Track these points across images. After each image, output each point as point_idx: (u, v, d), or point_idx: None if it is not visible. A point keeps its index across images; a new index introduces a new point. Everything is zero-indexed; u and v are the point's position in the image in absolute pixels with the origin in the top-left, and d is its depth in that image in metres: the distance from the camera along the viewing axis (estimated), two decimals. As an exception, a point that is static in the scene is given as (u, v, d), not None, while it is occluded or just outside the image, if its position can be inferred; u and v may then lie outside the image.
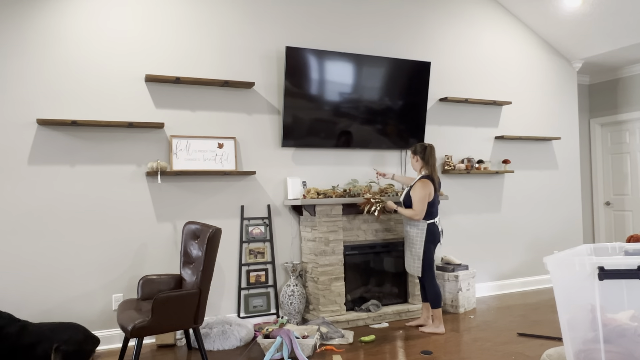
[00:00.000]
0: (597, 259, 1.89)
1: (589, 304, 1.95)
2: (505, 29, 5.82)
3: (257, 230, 4.43)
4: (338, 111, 4.67)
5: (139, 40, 4.10)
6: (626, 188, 6.71)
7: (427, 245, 4.09)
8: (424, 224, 4.08)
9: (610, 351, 1.90)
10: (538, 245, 5.96)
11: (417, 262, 4.11)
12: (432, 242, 4.11)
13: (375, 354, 3.57)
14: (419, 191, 4.05)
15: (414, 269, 4.16)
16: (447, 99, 5.30)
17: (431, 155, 4.17)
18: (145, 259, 4.06)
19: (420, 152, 4.18)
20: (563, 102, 6.22)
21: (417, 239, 4.10)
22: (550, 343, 3.73)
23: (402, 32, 5.20)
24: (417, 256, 4.11)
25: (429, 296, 4.11)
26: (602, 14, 5.30)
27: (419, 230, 4.09)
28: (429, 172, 4.16)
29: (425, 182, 4.07)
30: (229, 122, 4.39)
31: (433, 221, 4.11)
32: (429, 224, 4.09)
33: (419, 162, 4.20)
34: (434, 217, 4.13)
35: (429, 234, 4.08)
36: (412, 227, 4.14)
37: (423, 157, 4.18)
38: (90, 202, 3.90)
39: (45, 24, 3.81)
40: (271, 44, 4.57)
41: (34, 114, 3.76)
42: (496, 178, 5.70)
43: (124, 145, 4.02)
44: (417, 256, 4.11)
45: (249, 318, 4.36)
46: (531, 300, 5.22)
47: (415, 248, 4.12)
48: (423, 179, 4.11)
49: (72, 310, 3.81)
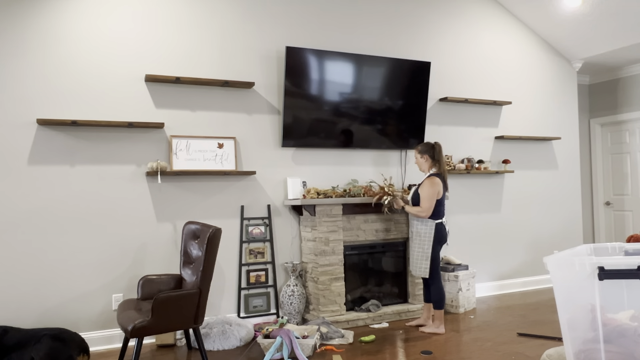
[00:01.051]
0: (597, 259, 1.90)
1: (589, 304, 1.95)
2: (505, 29, 5.82)
3: (257, 230, 4.43)
4: (338, 111, 4.67)
5: (139, 40, 4.10)
6: (626, 188, 6.71)
7: (435, 245, 4.04)
8: (433, 223, 4.02)
9: (610, 351, 1.90)
10: (538, 245, 5.96)
11: (425, 262, 4.04)
12: (439, 242, 4.06)
13: (375, 354, 3.57)
14: (427, 188, 4.00)
15: (420, 270, 4.07)
16: (447, 99, 5.30)
17: (440, 153, 4.11)
18: (145, 259, 4.06)
19: (429, 151, 4.12)
20: (563, 102, 6.22)
21: (425, 238, 4.03)
22: (550, 343, 3.73)
23: (402, 32, 5.20)
24: (426, 256, 4.03)
25: (434, 297, 4.07)
26: (602, 14, 5.30)
27: (428, 230, 4.02)
28: (439, 171, 4.11)
29: (434, 179, 4.02)
30: (229, 122, 4.39)
31: (441, 221, 4.07)
32: (437, 224, 4.04)
33: (428, 161, 4.13)
34: (441, 216, 4.08)
35: (437, 233, 4.03)
36: (421, 226, 4.06)
37: (432, 155, 4.12)
38: (90, 202, 3.90)
39: (45, 24, 3.81)
40: (271, 44, 4.57)
41: (34, 114, 3.76)
42: (496, 178, 5.70)
43: (123, 145, 4.02)
44: (425, 256, 4.04)
45: (249, 318, 4.36)
46: (531, 300, 5.22)
47: (423, 248, 4.04)
48: (432, 176, 4.06)
49: (71, 310, 3.81)
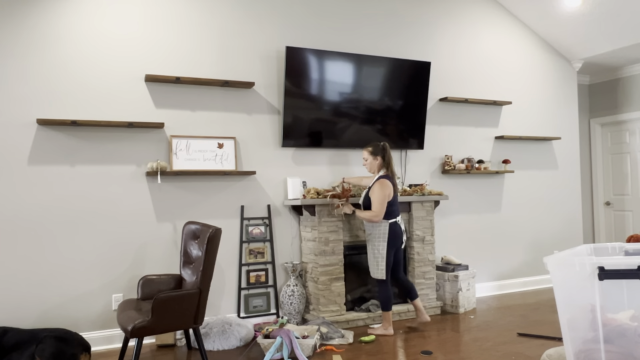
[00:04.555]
0: (597, 259, 1.90)
1: (589, 304, 1.95)
2: (505, 29, 5.82)
3: (257, 230, 4.43)
4: (338, 111, 4.67)
5: (139, 40, 4.10)
6: (626, 188, 6.71)
7: (389, 247, 4.01)
8: (386, 224, 4.01)
9: (610, 351, 1.90)
10: (538, 245, 5.96)
11: (382, 263, 4.00)
12: (394, 242, 4.03)
13: (375, 354, 3.57)
14: (378, 193, 3.96)
15: (377, 272, 4.02)
16: (447, 99, 5.30)
17: (389, 154, 4.10)
18: (145, 259, 4.06)
19: (381, 152, 4.09)
20: (563, 102, 6.22)
21: (379, 238, 4.01)
22: (550, 343, 3.73)
23: (402, 32, 5.20)
24: (381, 257, 4.00)
25: (381, 299, 4.03)
26: (602, 14, 5.30)
27: (382, 230, 4.01)
28: (387, 172, 4.08)
29: (384, 182, 3.99)
30: (229, 122, 4.39)
31: (395, 220, 4.04)
32: (391, 223, 4.02)
33: (379, 162, 4.10)
34: (395, 216, 4.05)
35: (391, 233, 4.00)
36: (374, 228, 4.05)
37: (384, 156, 4.09)
38: (90, 202, 3.90)
39: (45, 24, 3.80)
40: (271, 44, 4.57)
41: (34, 114, 3.76)
42: (496, 178, 5.70)
43: (124, 145, 4.02)
44: (380, 257, 4.01)
45: (249, 318, 4.36)
46: (531, 300, 5.22)
47: (378, 249, 4.01)
48: (381, 179, 4.02)
49: (71, 310, 3.81)
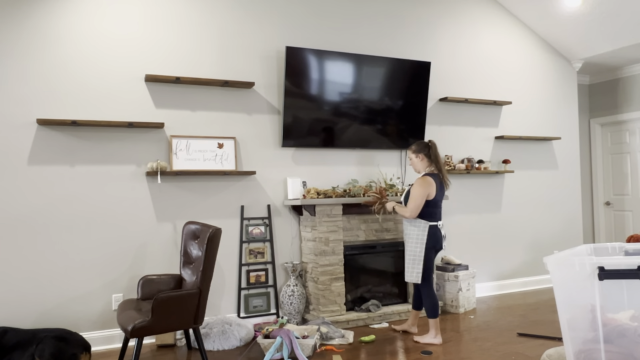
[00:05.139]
0: (597, 259, 1.90)
1: (589, 304, 1.95)
2: (505, 29, 5.82)
3: (257, 230, 4.43)
4: (338, 111, 4.67)
5: (139, 40, 4.10)
6: (626, 188, 6.71)
7: (428, 249, 3.78)
8: (426, 225, 3.76)
9: (610, 351, 1.90)
10: (538, 245, 5.96)
11: (418, 266, 3.77)
12: (433, 247, 3.80)
13: (375, 354, 3.57)
14: (416, 188, 3.75)
15: (412, 276, 3.80)
16: (447, 99, 5.30)
17: (436, 151, 3.86)
18: (145, 259, 4.06)
19: (424, 150, 3.88)
20: (563, 102, 6.22)
21: (417, 241, 3.78)
22: (550, 343, 3.73)
23: (402, 32, 5.20)
24: (418, 260, 3.77)
25: (426, 306, 3.80)
26: (602, 14, 5.30)
27: (420, 232, 3.77)
28: (435, 170, 3.88)
29: (426, 179, 3.78)
30: (229, 122, 4.39)
31: (435, 224, 3.80)
32: (431, 226, 3.78)
33: (424, 161, 3.89)
34: (436, 219, 3.81)
35: (430, 237, 3.77)
36: (412, 228, 3.82)
37: (428, 154, 3.87)
38: (90, 202, 3.90)
39: (45, 24, 3.80)
40: (271, 44, 4.57)
41: (34, 114, 3.76)
42: (496, 178, 5.70)
43: (124, 145, 4.02)
44: (417, 260, 3.78)
45: (249, 318, 4.35)
46: (531, 300, 5.22)
47: (415, 251, 3.79)
48: (424, 176, 3.82)
49: (71, 310, 3.81)
